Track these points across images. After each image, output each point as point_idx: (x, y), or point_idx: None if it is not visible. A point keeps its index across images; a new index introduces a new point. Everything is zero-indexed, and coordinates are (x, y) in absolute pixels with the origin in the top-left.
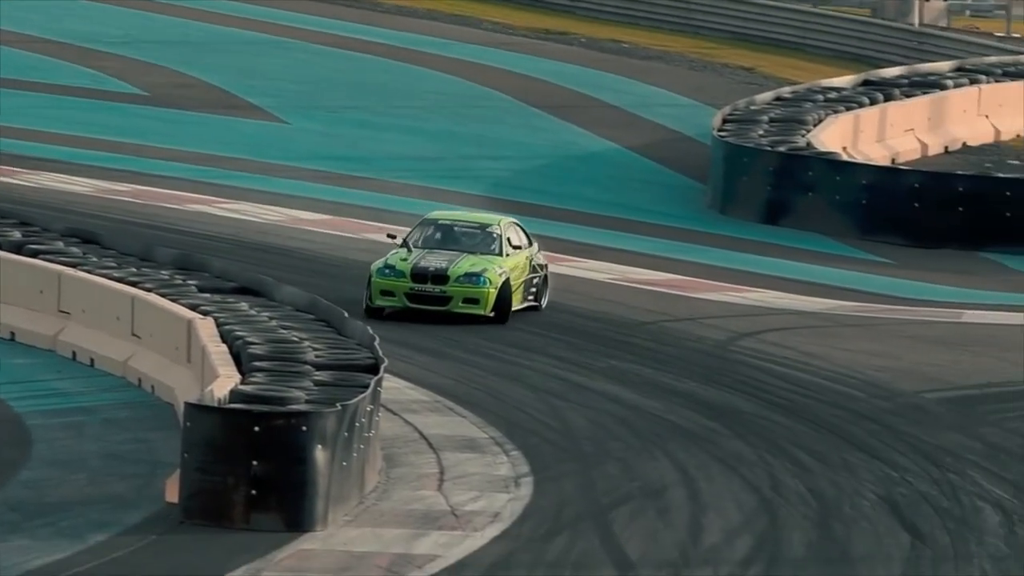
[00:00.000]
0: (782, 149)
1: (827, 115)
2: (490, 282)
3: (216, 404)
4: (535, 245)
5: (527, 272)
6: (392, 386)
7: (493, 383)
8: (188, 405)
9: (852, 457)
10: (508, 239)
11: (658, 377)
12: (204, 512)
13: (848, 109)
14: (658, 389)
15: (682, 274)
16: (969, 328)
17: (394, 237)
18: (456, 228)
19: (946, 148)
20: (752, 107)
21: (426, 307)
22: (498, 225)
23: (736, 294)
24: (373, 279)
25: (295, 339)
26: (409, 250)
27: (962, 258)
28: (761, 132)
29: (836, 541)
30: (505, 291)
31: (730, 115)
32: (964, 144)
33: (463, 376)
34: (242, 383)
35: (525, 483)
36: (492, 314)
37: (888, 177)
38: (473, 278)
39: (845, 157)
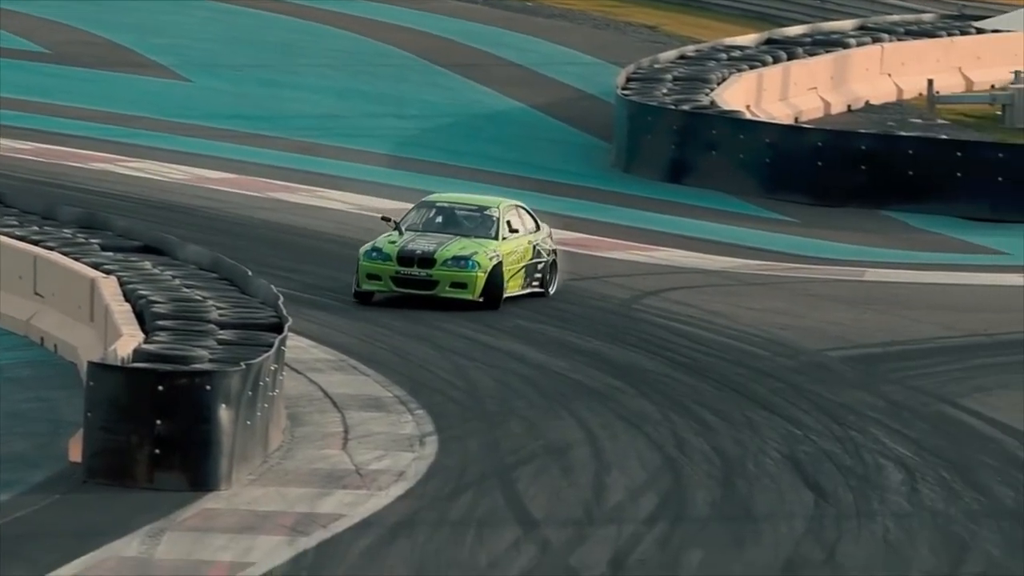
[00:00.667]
0: (686, 108)
1: (731, 74)
2: (479, 266)
3: (119, 363)
4: (544, 229)
5: (529, 257)
6: (296, 345)
7: (398, 342)
8: (91, 364)
9: (755, 415)
10: (508, 222)
11: (563, 336)
12: (107, 471)
13: (752, 68)
14: (563, 348)
15: (587, 233)
16: (872, 286)
17: (389, 220)
18: (453, 211)
19: (849, 107)
20: (656, 66)
21: (412, 291)
22: (497, 208)
23: (641, 253)
24: (360, 262)
25: (199, 298)
26: (401, 233)
27: (865, 216)
28: (665, 91)
29: (739, 499)
30: (496, 276)
31: (634, 74)
32: (867, 103)
33: (368, 335)
34: (145, 342)
35: (430, 442)
36: (481, 299)
37: (791, 136)
38: (461, 262)
39: (749, 116)
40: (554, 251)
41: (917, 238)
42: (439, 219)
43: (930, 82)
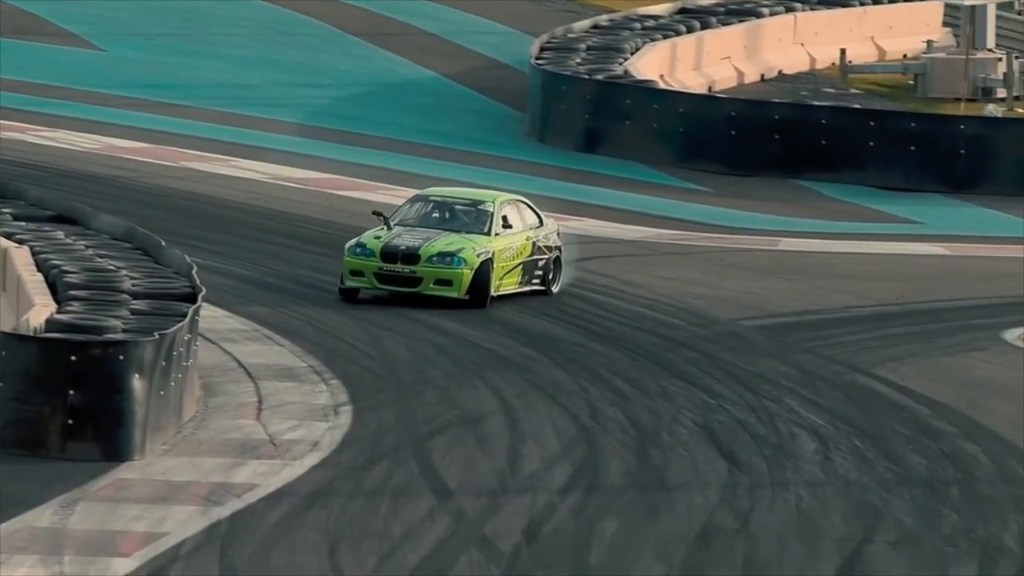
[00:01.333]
0: (600, 77)
1: (644, 43)
2: (465, 262)
3: (32, 333)
4: (548, 225)
5: (528, 253)
6: (210, 315)
7: (312, 312)
8: (3, 334)
9: (670, 384)
10: (504, 217)
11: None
12: (20, 442)
13: (665, 37)
14: (477, 318)
15: None
16: (785, 256)
17: (380, 214)
18: (446, 205)
19: (762, 76)
20: (570, 35)
21: (395, 288)
22: (492, 202)
23: (555, 223)
24: (344, 258)
25: (112, 268)
26: (389, 228)
27: (779, 186)
28: (579, 60)
29: (654, 468)
30: (483, 273)
31: (548, 43)
32: (780, 72)
33: (282, 305)
34: (58, 312)
35: (344, 412)
36: (467, 297)
37: (705, 105)
38: (447, 258)
39: (662, 85)
40: (559, 248)
41: (830, 207)
42: (432, 214)
43: (843, 52)
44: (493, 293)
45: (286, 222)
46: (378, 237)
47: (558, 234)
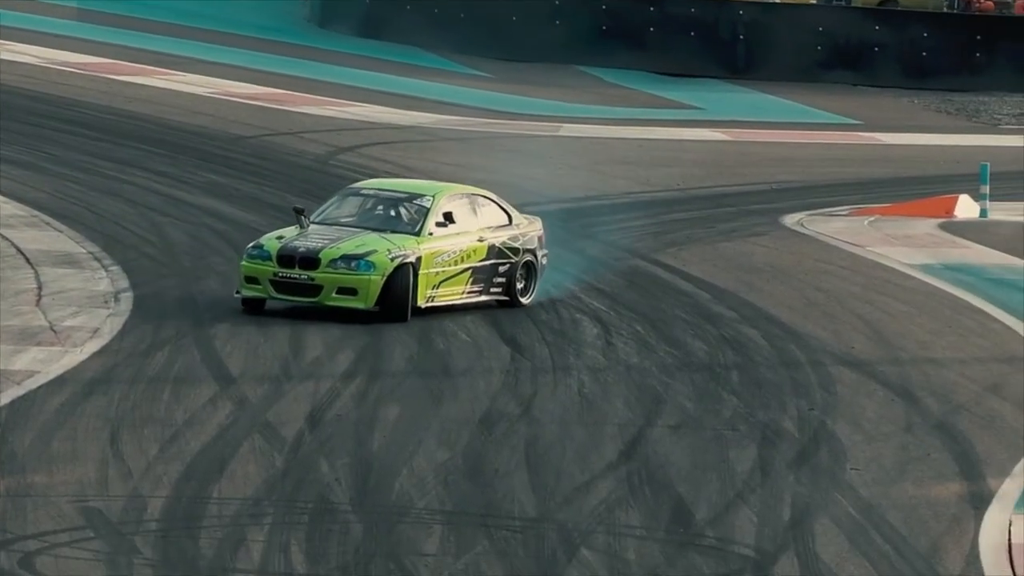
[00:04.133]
0: None
1: None
2: (374, 267)
3: None
4: (519, 224)
5: (480, 257)
6: None
7: (92, 198)
8: None
9: None
10: (448, 214)
11: (258, 192)
12: None
13: None
14: (258, 203)
15: (282, 88)
16: (567, 141)
17: (302, 211)
18: (378, 199)
19: None
20: None
21: (292, 298)
22: (432, 196)
23: (336, 108)
24: (240, 263)
25: None
26: (302, 227)
27: (560, 72)
28: None
29: (437, 355)
30: (399, 280)
31: None
32: None
33: (61, 191)
34: None
35: (125, 298)
36: (376, 309)
37: None
38: (352, 262)
39: None
40: (531, 251)
41: (612, 93)
42: (358, 209)
43: None
44: (422, 304)
45: (64, 107)
46: (280, 237)
47: (539, 236)
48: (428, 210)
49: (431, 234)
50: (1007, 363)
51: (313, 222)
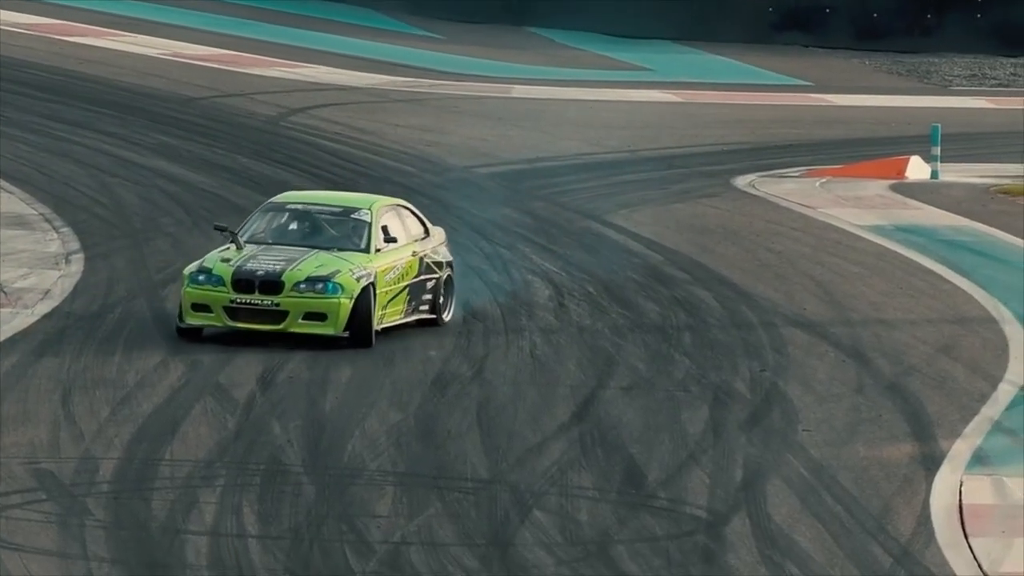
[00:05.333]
0: None
1: None
2: (342, 289)
3: None
4: (435, 235)
5: (415, 273)
6: None
7: (42, 159)
8: None
9: None
10: (385, 228)
11: (209, 153)
12: None
13: None
14: (209, 165)
15: (232, 49)
16: (518, 103)
17: (225, 229)
18: (309, 215)
19: None
20: None
21: (252, 325)
22: (368, 209)
23: (287, 70)
24: (184, 288)
25: None
26: (239, 247)
27: (511, 33)
28: None
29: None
30: (365, 302)
31: None
32: None
33: (11, 152)
34: None
35: (76, 260)
36: (346, 334)
37: None
38: (318, 284)
39: None
40: (450, 263)
41: (562, 55)
42: (292, 227)
43: None
44: (376, 327)
45: (14, 68)
46: (227, 260)
47: (445, 245)
48: (369, 224)
49: (379, 250)
50: (958, 324)
51: (244, 241)
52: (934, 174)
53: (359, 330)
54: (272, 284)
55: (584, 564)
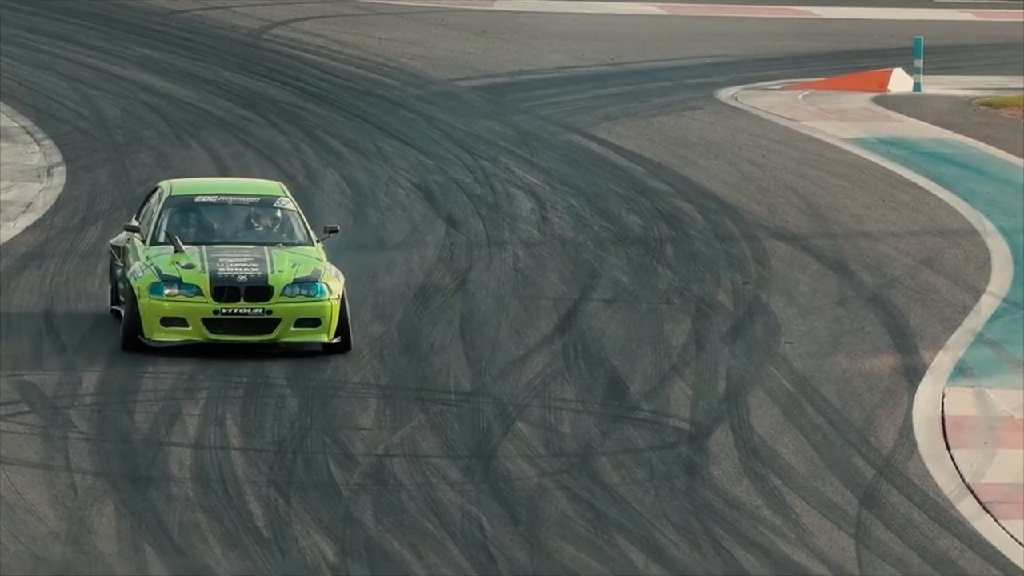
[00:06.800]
0: None
1: None
2: (329, 291)
3: None
4: None
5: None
6: None
7: (24, 72)
8: None
9: (387, 145)
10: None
11: (191, 66)
12: None
13: None
14: (191, 78)
15: None
16: (501, 16)
17: (136, 229)
18: (228, 207)
19: None
20: None
21: (239, 338)
22: (285, 196)
23: None
24: (144, 301)
25: None
26: (177, 248)
27: None
28: None
29: (371, 229)
30: (344, 303)
31: None
32: None
33: None
34: None
35: (58, 173)
36: (337, 340)
37: None
38: (307, 287)
39: None
40: None
41: None
42: (215, 222)
43: None
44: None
45: None
46: (189, 265)
47: None
48: (297, 213)
49: (319, 242)
50: (941, 236)
51: (157, 241)
52: (916, 87)
53: (344, 334)
54: (260, 290)
55: (567, 476)
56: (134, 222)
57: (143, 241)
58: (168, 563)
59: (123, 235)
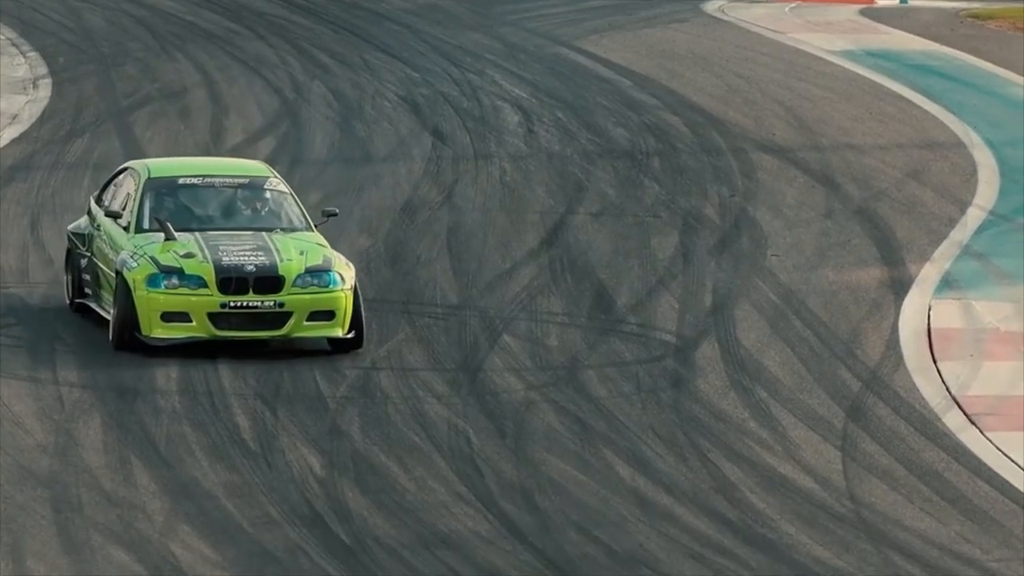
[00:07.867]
0: None
1: None
2: (342, 280)
3: None
4: None
5: None
6: None
7: None
8: None
9: (373, 58)
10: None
11: None
12: None
13: None
14: None
15: None
16: None
17: (117, 215)
18: (216, 189)
19: None
20: None
21: (248, 333)
22: (273, 175)
23: None
24: (141, 295)
25: None
26: (169, 236)
27: None
28: None
29: (358, 142)
30: (357, 293)
31: None
32: None
33: None
34: None
35: (43, 85)
36: (352, 335)
37: None
38: (319, 277)
39: None
40: None
41: None
42: (205, 207)
43: None
44: None
45: None
46: (190, 254)
47: None
48: (291, 195)
49: (316, 226)
50: (927, 149)
51: (142, 228)
52: None
53: (357, 327)
54: (270, 280)
55: (553, 389)
56: (114, 207)
57: (125, 229)
58: (155, 476)
59: (83, 220)
